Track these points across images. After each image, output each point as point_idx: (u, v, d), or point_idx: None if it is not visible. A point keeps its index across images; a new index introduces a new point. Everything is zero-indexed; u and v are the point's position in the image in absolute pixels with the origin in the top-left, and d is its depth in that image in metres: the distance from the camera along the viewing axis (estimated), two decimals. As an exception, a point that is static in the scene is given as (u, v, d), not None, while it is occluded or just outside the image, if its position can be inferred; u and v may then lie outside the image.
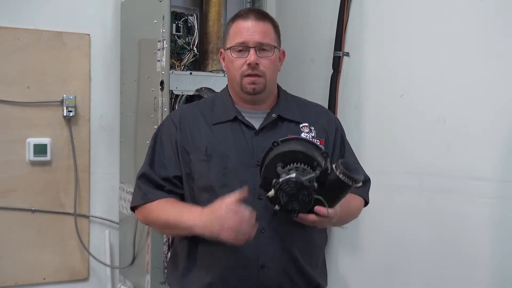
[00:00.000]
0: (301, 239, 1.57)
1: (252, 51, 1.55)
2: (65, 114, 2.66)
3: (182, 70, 2.40)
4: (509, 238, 1.79)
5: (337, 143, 1.68)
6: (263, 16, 1.61)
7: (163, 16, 2.22)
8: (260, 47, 1.56)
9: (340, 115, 2.45)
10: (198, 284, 1.56)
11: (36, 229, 2.65)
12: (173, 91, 2.29)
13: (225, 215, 1.39)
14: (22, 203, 2.62)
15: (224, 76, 2.43)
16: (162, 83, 2.24)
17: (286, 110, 1.64)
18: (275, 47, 1.59)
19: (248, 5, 2.60)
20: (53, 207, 2.68)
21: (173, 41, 2.40)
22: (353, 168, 1.36)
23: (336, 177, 1.34)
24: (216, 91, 2.39)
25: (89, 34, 2.74)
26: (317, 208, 1.38)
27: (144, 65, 2.44)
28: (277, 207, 1.37)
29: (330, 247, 2.55)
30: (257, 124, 1.61)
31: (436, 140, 2.01)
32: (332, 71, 2.49)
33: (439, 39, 2.03)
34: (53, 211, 2.67)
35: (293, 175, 1.34)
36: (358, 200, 1.68)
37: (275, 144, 1.44)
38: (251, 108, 1.63)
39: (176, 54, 2.45)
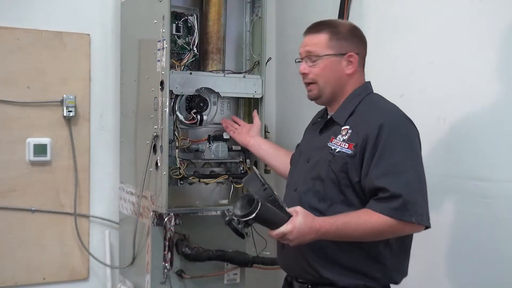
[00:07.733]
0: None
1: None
2: (65, 114, 2.66)
3: (182, 70, 2.40)
4: (510, 238, 1.79)
5: (367, 151, 1.61)
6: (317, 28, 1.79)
7: (163, 16, 2.21)
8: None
9: (340, 115, 2.45)
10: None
11: (36, 229, 2.65)
12: (173, 91, 2.29)
13: None
14: (22, 203, 2.62)
15: (224, 76, 2.42)
16: (162, 83, 2.24)
17: (339, 113, 1.74)
18: (326, 55, 1.72)
19: (248, 6, 2.59)
20: (53, 207, 2.68)
21: (173, 41, 2.39)
22: (240, 204, 1.56)
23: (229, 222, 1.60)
24: (216, 91, 2.39)
25: (89, 34, 2.74)
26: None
27: (144, 65, 2.44)
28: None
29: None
30: None
31: (436, 140, 2.01)
32: (332, 71, 2.48)
33: (439, 39, 2.03)
34: (53, 211, 2.67)
35: (231, 211, 1.59)
36: (374, 216, 1.56)
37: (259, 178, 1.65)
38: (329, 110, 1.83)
39: (176, 54, 2.44)
